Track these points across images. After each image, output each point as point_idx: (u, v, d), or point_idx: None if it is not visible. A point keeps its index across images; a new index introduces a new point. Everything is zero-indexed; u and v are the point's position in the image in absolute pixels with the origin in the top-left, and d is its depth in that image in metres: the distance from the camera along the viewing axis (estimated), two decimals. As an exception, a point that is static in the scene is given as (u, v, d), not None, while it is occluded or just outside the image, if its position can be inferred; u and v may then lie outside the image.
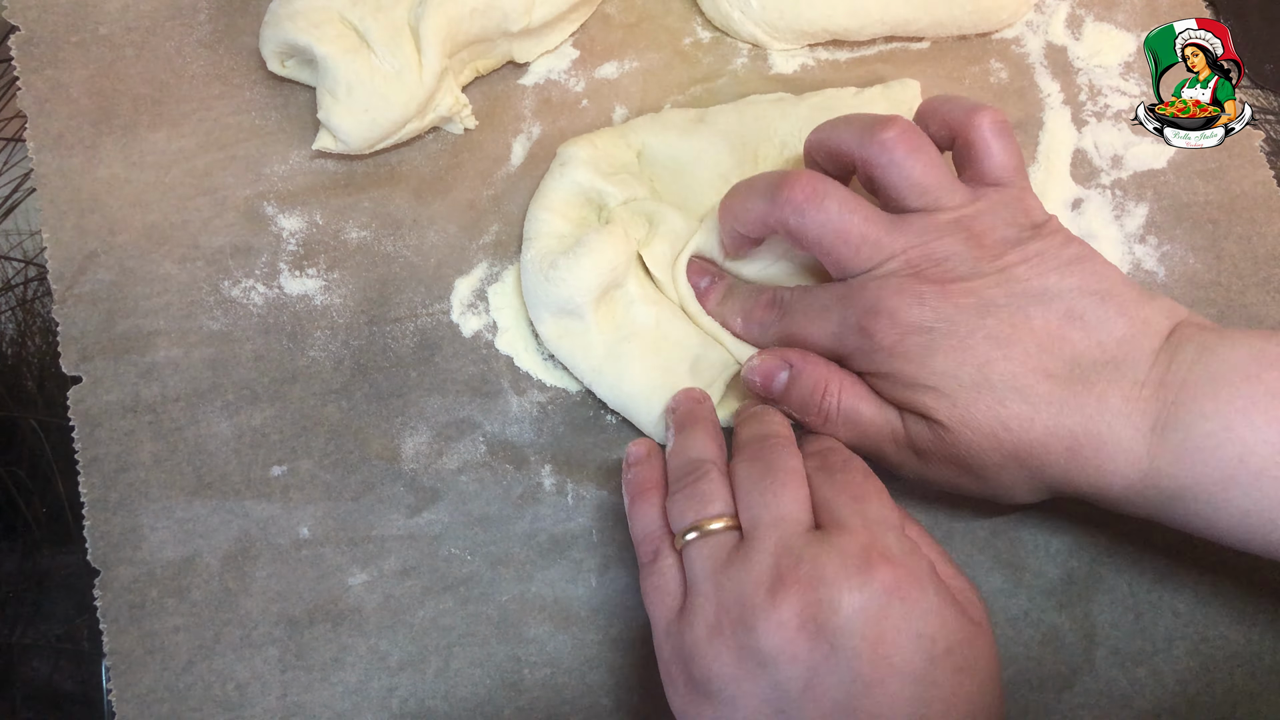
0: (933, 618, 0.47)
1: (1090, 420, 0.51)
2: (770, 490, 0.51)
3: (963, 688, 0.47)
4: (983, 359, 0.52)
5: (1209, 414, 0.49)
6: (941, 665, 0.46)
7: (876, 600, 0.46)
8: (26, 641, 0.61)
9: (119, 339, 0.64)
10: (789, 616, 0.46)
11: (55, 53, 0.69)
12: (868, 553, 0.47)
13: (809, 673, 0.46)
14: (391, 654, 0.60)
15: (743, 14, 0.71)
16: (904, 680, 0.45)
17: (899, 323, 0.53)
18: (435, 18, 0.64)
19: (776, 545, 0.49)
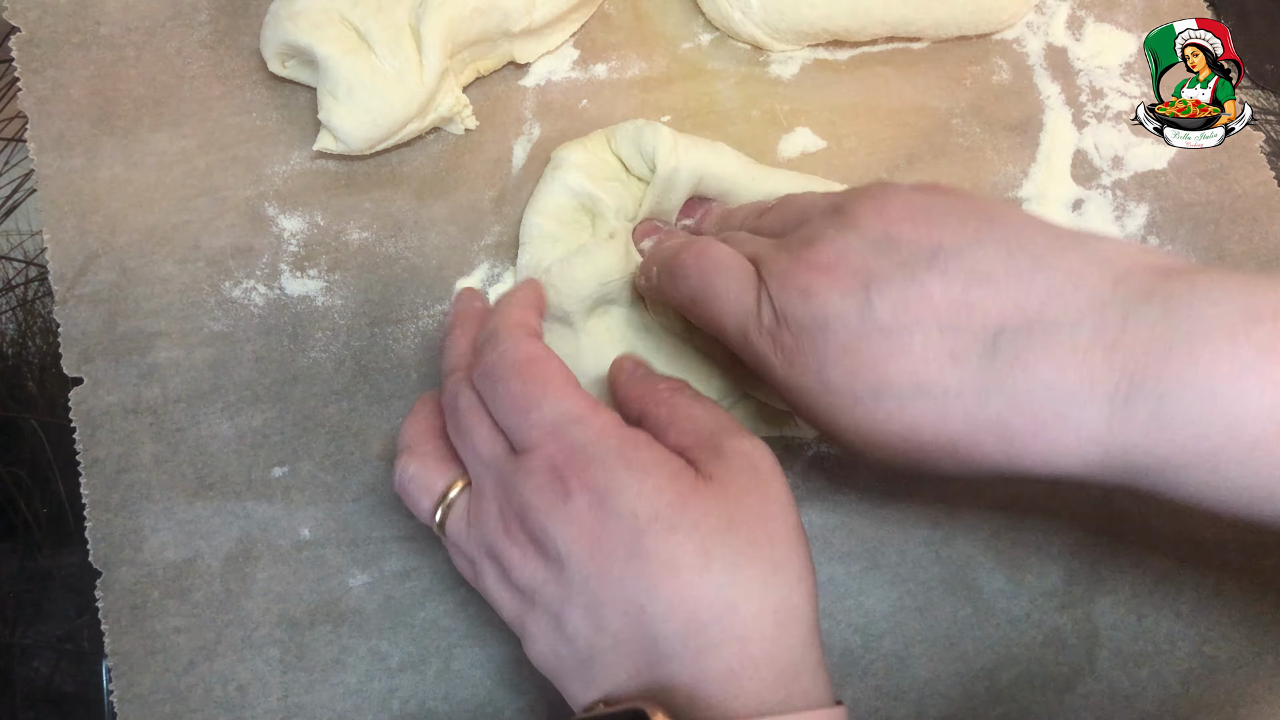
0: (628, 493, 0.46)
1: (1019, 400, 0.43)
2: (463, 440, 0.53)
3: (681, 546, 0.46)
4: (875, 358, 0.46)
5: (1187, 381, 0.41)
6: (651, 532, 0.46)
7: (570, 507, 0.47)
8: (27, 642, 0.61)
9: (120, 340, 0.64)
10: (525, 548, 0.49)
11: (56, 54, 0.69)
12: (554, 467, 0.48)
13: (557, 585, 0.48)
14: (392, 655, 0.60)
15: (743, 15, 0.71)
16: (621, 561, 0.46)
17: (791, 330, 0.49)
18: (436, 18, 0.64)
19: (492, 487, 0.50)
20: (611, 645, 0.46)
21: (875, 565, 0.62)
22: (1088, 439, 0.43)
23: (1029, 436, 0.44)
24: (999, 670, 0.61)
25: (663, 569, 0.45)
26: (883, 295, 0.46)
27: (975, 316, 0.45)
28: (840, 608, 0.62)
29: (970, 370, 0.45)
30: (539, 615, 0.49)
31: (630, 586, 0.46)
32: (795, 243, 0.51)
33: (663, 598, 0.45)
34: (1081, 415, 0.43)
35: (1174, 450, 0.42)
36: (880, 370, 0.46)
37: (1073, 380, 0.43)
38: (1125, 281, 0.44)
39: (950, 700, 0.60)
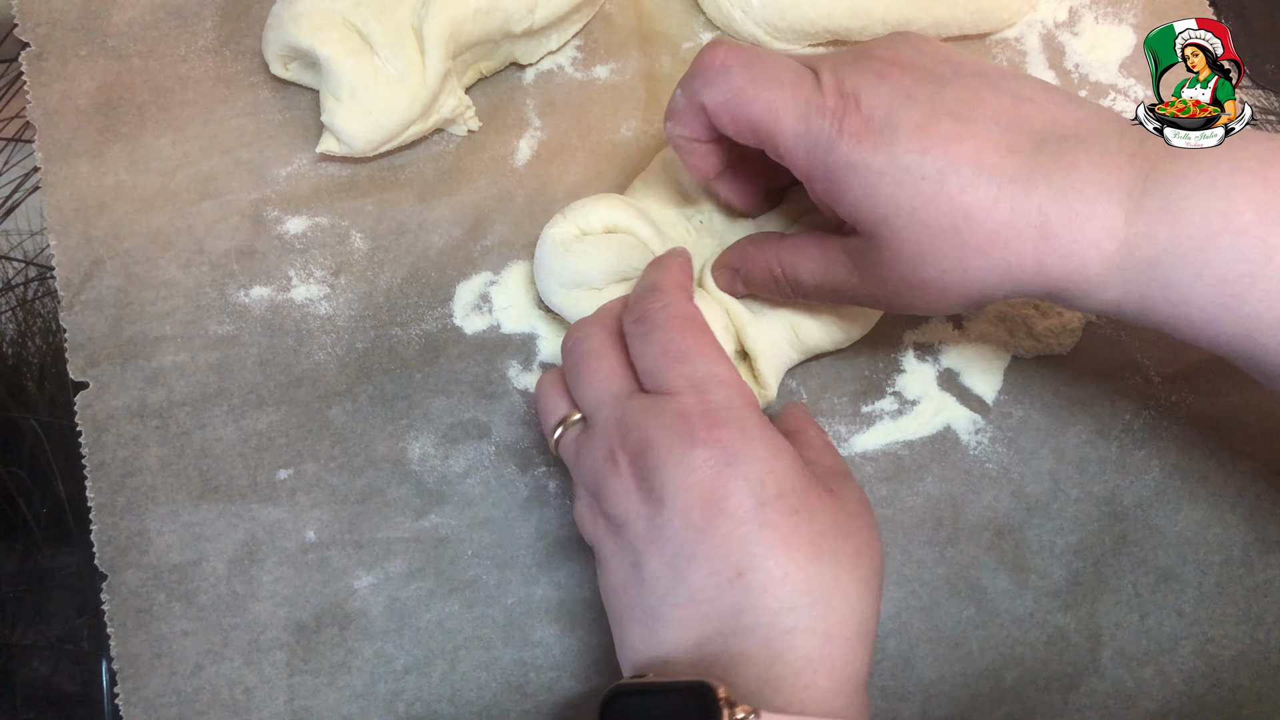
0: (759, 465, 0.48)
1: (1061, 192, 0.47)
2: (584, 380, 0.54)
3: (799, 528, 0.47)
4: (946, 140, 0.48)
5: (1190, 176, 0.46)
6: (774, 507, 0.47)
7: (699, 454, 0.48)
8: (27, 642, 0.61)
9: (125, 344, 0.64)
10: (626, 481, 0.50)
11: (64, 67, 0.70)
12: (688, 416, 0.49)
13: (649, 526, 0.49)
14: (398, 657, 0.60)
15: (744, 14, 0.71)
16: (735, 521, 0.47)
17: (863, 107, 0.50)
18: (438, 20, 0.64)
19: (606, 421, 0.52)
20: (686, 601, 0.47)
21: (880, 566, 0.62)
22: (1108, 231, 0.46)
23: (1062, 226, 0.47)
24: (1003, 670, 0.61)
25: (776, 543, 0.47)
26: (951, 87, 0.50)
27: (1025, 122, 0.49)
28: (845, 608, 0.62)
29: (1022, 161, 0.47)
30: (621, 548, 0.50)
31: (734, 549, 0.47)
32: (853, 50, 0.54)
33: (766, 569, 0.46)
34: (1107, 208, 0.46)
35: (1172, 239, 0.46)
36: (951, 149, 0.48)
37: (1102, 177, 0.47)
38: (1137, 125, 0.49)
39: (955, 700, 0.61)
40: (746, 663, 0.45)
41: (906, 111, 0.49)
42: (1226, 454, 0.65)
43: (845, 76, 0.51)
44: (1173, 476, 0.65)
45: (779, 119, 0.52)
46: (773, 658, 0.45)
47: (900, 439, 0.65)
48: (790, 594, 0.46)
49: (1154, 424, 0.66)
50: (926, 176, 0.48)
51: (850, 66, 0.51)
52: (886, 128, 0.49)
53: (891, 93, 0.50)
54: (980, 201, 0.47)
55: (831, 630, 0.46)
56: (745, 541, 0.47)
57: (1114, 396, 0.66)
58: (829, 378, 0.66)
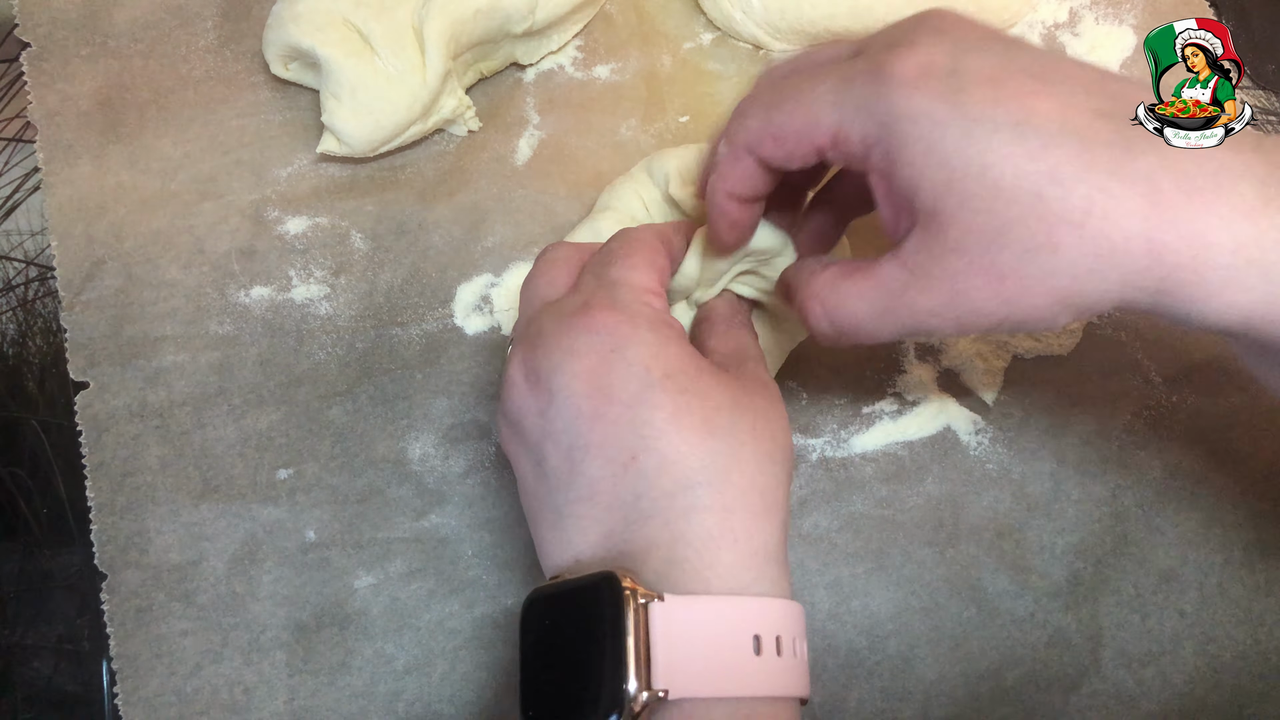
0: (646, 349, 0.46)
1: (1171, 161, 0.39)
2: (529, 281, 0.53)
3: (690, 406, 0.45)
4: (1023, 94, 0.41)
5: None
6: (661, 387, 0.45)
7: (585, 340, 0.46)
8: (27, 642, 0.61)
9: (126, 344, 0.64)
10: (517, 376, 0.48)
11: (65, 67, 0.70)
12: (583, 305, 0.48)
13: (543, 420, 0.47)
14: (398, 657, 0.60)
15: (744, 14, 0.71)
16: (623, 405, 0.45)
17: (919, 53, 0.43)
18: (439, 20, 0.64)
19: (517, 324, 0.52)
20: (587, 494, 0.46)
21: (880, 567, 0.62)
22: (1243, 213, 0.39)
23: (1181, 197, 0.39)
24: (1004, 671, 0.61)
25: (666, 423, 0.45)
26: (1025, 51, 0.43)
27: (1115, 93, 0.42)
28: (846, 609, 0.62)
29: (1119, 127, 0.40)
30: (525, 450, 0.49)
31: (624, 434, 0.45)
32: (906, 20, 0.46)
33: (658, 450, 0.45)
34: (1238, 188, 0.39)
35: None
36: (1029, 103, 0.41)
37: (1223, 155, 0.40)
38: None
39: (955, 701, 0.60)
40: (651, 548, 0.44)
41: (975, 60, 0.42)
42: (1227, 454, 0.65)
43: (896, 34, 0.45)
44: (1174, 477, 0.65)
45: (813, 107, 0.45)
46: (674, 539, 0.44)
47: (900, 439, 0.65)
48: (685, 473, 0.44)
49: (1155, 424, 0.66)
50: (999, 130, 0.40)
51: (901, 27, 0.45)
52: (951, 74, 0.42)
53: (956, 44, 0.43)
54: (1070, 162, 0.40)
55: (731, 504, 0.45)
56: (635, 424, 0.45)
57: (1114, 396, 0.66)
58: (829, 378, 0.66)
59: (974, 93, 0.41)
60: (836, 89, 0.44)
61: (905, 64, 0.42)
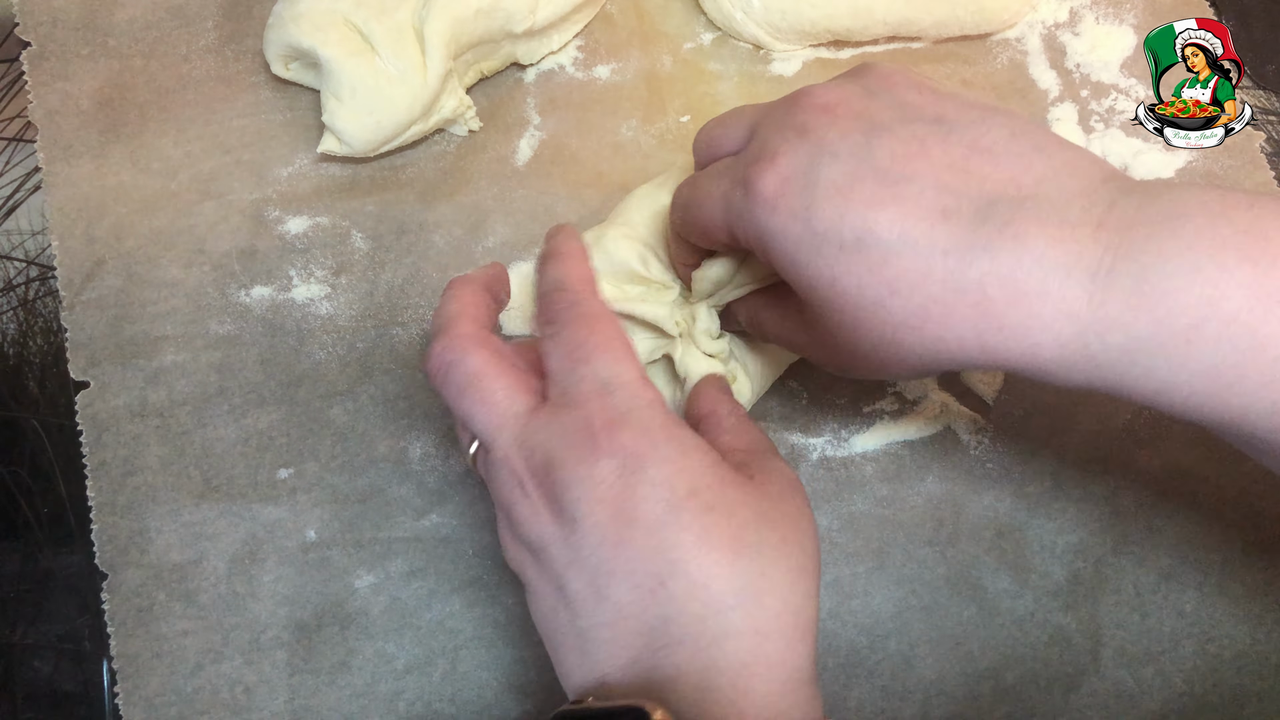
0: (668, 466, 0.46)
1: (1004, 266, 0.42)
2: (473, 404, 0.50)
3: (716, 526, 0.45)
4: (868, 203, 0.43)
5: (1169, 254, 0.40)
6: (686, 507, 0.45)
7: (604, 467, 0.45)
8: (28, 641, 0.61)
9: (126, 344, 0.64)
10: (537, 506, 0.47)
11: (65, 66, 0.70)
12: (590, 425, 0.46)
13: (566, 548, 0.46)
14: (398, 657, 0.60)
15: (745, 14, 0.71)
16: (648, 529, 0.45)
17: (779, 167, 0.46)
18: (439, 20, 0.65)
19: (508, 445, 0.48)
20: (613, 619, 0.45)
21: (881, 566, 0.62)
22: (1066, 314, 0.41)
23: (1005, 305, 0.42)
24: (1004, 670, 0.61)
25: (693, 545, 0.44)
26: (882, 141, 0.45)
27: (972, 182, 0.44)
28: (846, 608, 0.62)
29: (959, 230, 0.43)
30: (543, 573, 0.48)
31: (651, 559, 0.44)
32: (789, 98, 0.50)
33: (687, 574, 0.44)
34: (1064, 289, 0.41)
35: (1151, 326, 0.41)
36: (871, 216, 0.43)
37: (1058, 254, 0.41)
38: (1114, 178, 0.44)
39: (955, 700, 0.61)
40: (681, 675, 0.44)
41: (826, 170, 0.45)
42: (1227, 454, 0.65)
43: (769, 135, 0.48)
44: (1174, 477, 0.65)
45: (712, 215, 0.50)
46: (706, 667, 0.44)
47: (900, 439, 0.65)
48: (715, 597, 0.44)
49: (1154, 424, 0.66)
50: (844, 245, 0.44)
51: (778, 121, 0.48)
52: (804, 190, 0.45)
53: (813, 150, 0.46)
54: (906, 274, 0.43)
55: (764, 628, 0.45)
56: (662, 548, 0.44)
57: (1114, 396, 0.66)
58: (829, 378, 0.66)
59: (822, 208, 0.44)
60: (725, 198, 0.49)
61: (766, 181, 0.46)
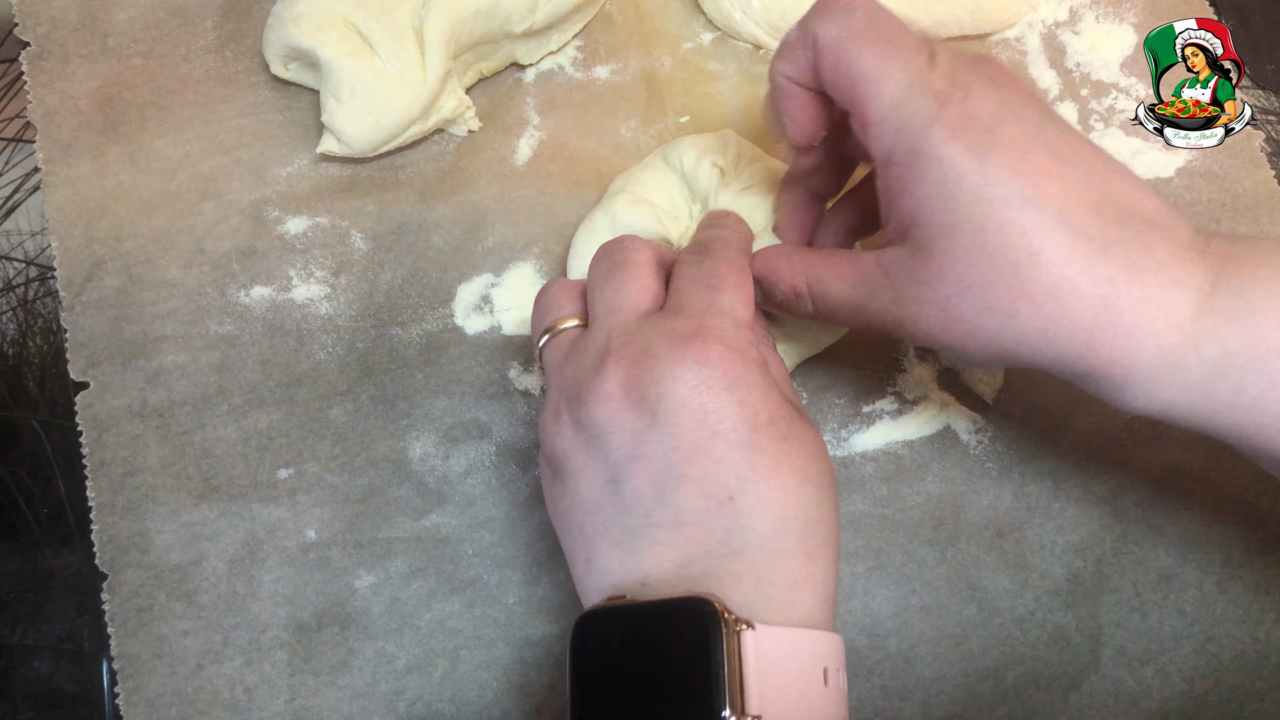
0: (756, 392, 0.47)
1: (1135, 268, 0.44)
2: (611, 284, 0.52)
3: (789, 454, 0.47)
4: (1039, 171, 0.45)
5: (1261, 279, 0.44)
6: (765, 433, 0.47)
7: (700, 373, 0.47)
8: (27, 642, 0.61)
9: (126, 344, 0.64)
10: (613, 388, 0.48)
11: (65, 66, 0.70)
12: (698, 331, 0.48)
13: (634, 441, 0.47)
14: (398, 657, 0.60)
15: (744, 14, 0.71)
16: (728, 445, 0.46)
17: (971, 101, 0.46)
18: (439, 20, 0.64)
19: (610, 328, 0.50)
20: (671, 522, 0.46)
21: (881, 566, 0.62)
22: (1173, 324, 0.44)
23: (1127, 304, 0.44)
24: (1004, 669, 0.61)
25: (767, 468, 0.46)
26: (1055, 122, 0.47)
27: (1111, 192, 0.46)
28: (846, 608, 0.62)
29: (1104, 226, 0.45)
30: (595, 461, 0.48)
31: (725, 472, 0.46)
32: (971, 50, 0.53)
33: (757, 494, 0.46)
34: (1177, 299, 0.44)
35: (1244, 341, 0.44)
36: (1039, 184, 0.45)
37: (1176, 268, 0.45)
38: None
39: (955, 700, 0.61)
40: (735, 581, 0.45)
41: (1011, 125, 0.46)
42: (1227, 453, 0.64)
43: (961, 68, 0.47)
44: (1174, 477, 0.65)
45: (883, 78, 0.47)
46: (760, 578, 0.45)
47: (900, 439, 0.65)
48: (779, 518, 0.46)
49: (1154, 423, 0.65)
50: (1008, 199, 0.45)
51: (968, 61, 0.48)
52: (988, 132, 0.45)
53: (1002, 102, 0.46)
54: (1052, 247, 0.44)
55: (814, 551, 0.47)
56: (738, 465, 0.46)
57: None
58: (829, 378, 0.66)
59: (1000, 156, 0.45)
60: (904, 90, 0.47)
61: (955, 110, 0.46)
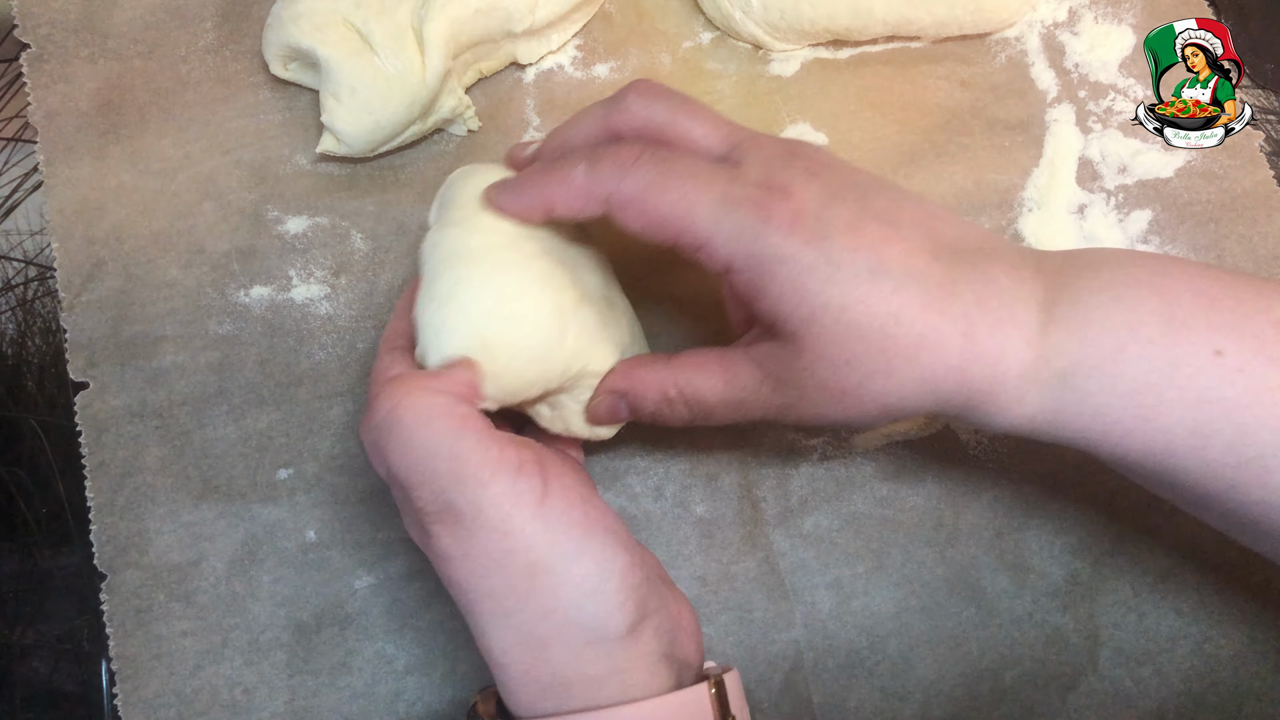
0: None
1: (983, 299, 0.47)
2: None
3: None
4: (876, 240, 0.47)
5: (1095, 289, 0.47)
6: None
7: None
8: (26, 642, 0.61)
9: (126, 345, 0.64)
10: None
11: (65, 68, 0.70)
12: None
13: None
14: (398, 658, 0.60)
15: (744, 14, 0.71)
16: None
17: (795, 199, 0.48)
18: (439, 19, 0.64)
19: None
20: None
21: (880, 566, 0.63)
22: (1026, 341, 0.47)
23: (985, 334, 0.47)
24: (1002, 670, 0.61)
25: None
26: (875, 195, 0.49)
27: (941, 233, 0.49)
28: (846, 609, 0.62)
29: (945, 267, 0.48)
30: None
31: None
32: (774, 143, 0.51)
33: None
34: (1026, 316, 0.47)
35: (1084, 348, 0.47)
36: (881, 250, 0.47)
37: (1017, 287, 0.48)
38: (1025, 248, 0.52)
39: (954, 700, 0.61)
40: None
41: (838, 209, 0.48)
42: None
43: (774, 170, 0.49)
44: (1172, 477, 0.65)
45: (693, 210, 0.48)
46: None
47: (900, 439, 0.65)
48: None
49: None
50: (859, 275, 0.47)
51: (778, 161, 0.50)
52: (819, 221, 0.47)
53: (823, 190, 0.48)
54: (910, 304, 0.47)
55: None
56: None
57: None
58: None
59: (837, 240, 0.47)
60: (719, 207, 0.48)
61: (783, 209, 0.47)
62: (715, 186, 0.48)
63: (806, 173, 0.49)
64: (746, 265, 0.48)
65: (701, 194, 0.48)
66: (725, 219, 0.48)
